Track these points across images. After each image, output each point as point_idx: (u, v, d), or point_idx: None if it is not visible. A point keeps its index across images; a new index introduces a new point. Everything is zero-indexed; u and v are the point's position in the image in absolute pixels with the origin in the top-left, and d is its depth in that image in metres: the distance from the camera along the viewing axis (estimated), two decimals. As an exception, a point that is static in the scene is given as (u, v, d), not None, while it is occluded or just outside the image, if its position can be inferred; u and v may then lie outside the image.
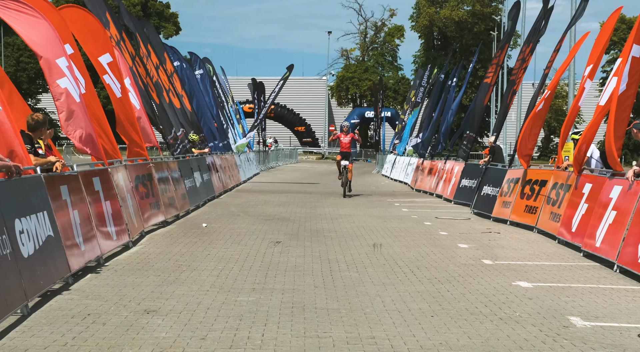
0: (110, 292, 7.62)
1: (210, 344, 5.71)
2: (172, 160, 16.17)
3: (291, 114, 74.33)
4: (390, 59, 76.83)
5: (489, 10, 68.52)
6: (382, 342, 5.88)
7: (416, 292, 7.91)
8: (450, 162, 23.13)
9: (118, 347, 5.59)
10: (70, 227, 8.29)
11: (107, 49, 13.22)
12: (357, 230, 13.50)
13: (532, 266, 9.90)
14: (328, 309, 7.00)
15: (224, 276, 8.61)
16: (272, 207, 17.99)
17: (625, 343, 6.00)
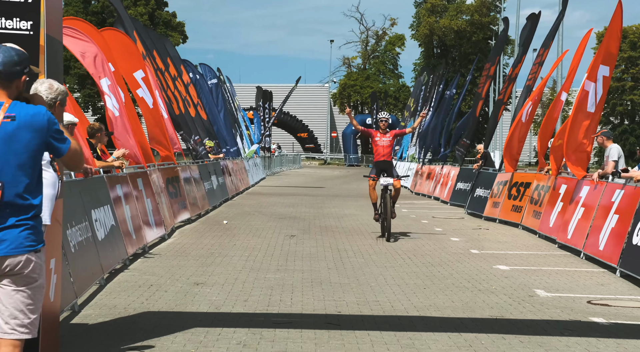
0: (162, 271, 9.31)
1: (252, 304, 7.40)
2: (194, 164, 17.89)
3: (294, 121, 76.03)
4: (391, 67, 78.66)
5: (487, 19, 70.29)
6: (385, 304, 7.57)
7: (412, 272, 9.59)
8: (447, 167, 24.85)
9: (183, 305, 7.29)
10: (124, 219, 9.97)
11: (140, 66, 14.93)
12: (362, 226, 15.18)
13: (512, 254, 11.58)
14: (341, 283, 8.68)
15: (252, 260, 10.30)
16: (283, 207, 19.67)
17: (574, 307, 7.68)
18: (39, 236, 3.78)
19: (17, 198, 3.70)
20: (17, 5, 4.81)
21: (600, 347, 5.98)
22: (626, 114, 69.17)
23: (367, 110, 76.52)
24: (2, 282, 3.71)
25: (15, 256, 3.68)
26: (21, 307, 3.72)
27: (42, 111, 3.79)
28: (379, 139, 12.95)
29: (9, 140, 3.69)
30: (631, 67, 67.41)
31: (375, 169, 13.05)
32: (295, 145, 77.78)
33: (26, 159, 3.73)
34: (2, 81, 3.77)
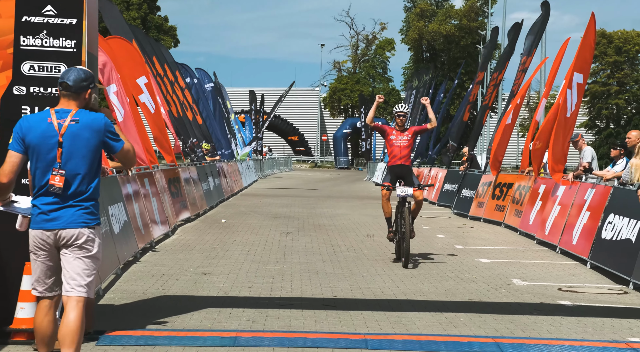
0: (170, 263, 10.13)
1: (256, 290, 8.23)
2: (192, 166, 18.69)
3: (285, 124, 76.88)
4: (381, 71, 79.63)
5: (475, 24, 71.37)
6: (375, 290, 8.42)
7: (400, 265, 10.43)
8: (435, 169, 25.74)
9: (194, 290, 8.12)
10: (134, 215, 10.78)
11: (144, 72, 15.74)
12: (353, 225, 16.02)
13: (493, 249, 12.45)
14: (335, 273, 9.52)
15: (252, 254, 11.13)
16: (277, 207, 20.49)
17: (545, 293, 8.55)
18: (93, 216, 4.75)
19: (77, 184, 4.68)
20: (64, 27, 5.65)
21: (563, 323, 6.84)
22: (612, 118, 70.32)
23: (358, 114, 77.45)
24: (63, 251, 4.72)
25: (69, 229, 4.64)
26: (78, 271, 4.69)
27: (101, 117, 4.78)
28: (395, 138, 10.43)
29: (74, 138, 4.69)
30: (617, 72, 68.57)
31: (389, 176, 10.51)
32: (286, 148, 78.62)
33: (86, 153, 4.71)
34: (72, 94, 4.80)
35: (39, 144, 4.68)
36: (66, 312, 4.58)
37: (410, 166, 10.76)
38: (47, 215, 4.67)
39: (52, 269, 4.76)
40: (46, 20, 5.64)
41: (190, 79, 26.42)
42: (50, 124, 4.68)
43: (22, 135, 4.71)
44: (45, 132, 4.67)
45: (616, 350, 5.84)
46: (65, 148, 4.65)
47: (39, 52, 5.66)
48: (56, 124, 4.67)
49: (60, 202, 4.66)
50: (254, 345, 5.81)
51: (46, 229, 4.66)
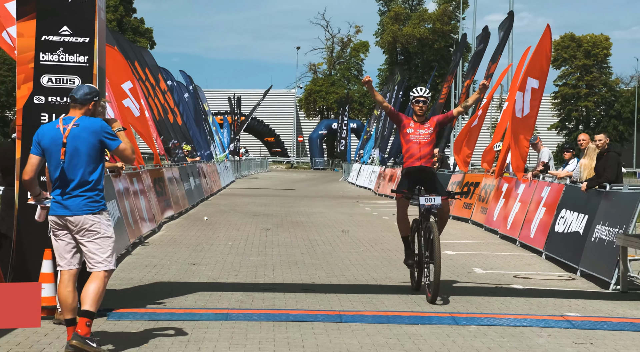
0: (160, 255, 10.98)
1: (242, 277, 9.12)
2: (175, 167, 19.51)
3: (261, 125, 77.69)
4: (356, 73, 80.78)
5: (449, 28, 72.72)
6: (350, 277, 9.35)
7: (373, 256, 11.37)
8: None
9: (185, 277, 8.99)
10: (126, 212, 11.61)
11: (129, 77, 16.53)
12: (329, 222, 16.95)
13: (459, 243, 13.44)
14: (313, 263, 10.43)
15: (236, 247, 12.01)
16: (256, 206, 21.36)
17: (502, 279, 9.52)
18: (97, 203, 5.69)
19: (81, 177, 5.62)
20: (78, 45, 6.52)
21: (513, 302, 7.80)
22: (581, 120, 72.00)
23: (333, 115, 78.45)
24: (78, 238, 5.69)
25: (76, 216, 5.60)
26: (93, 251, 5.66)
27: (98, 120, 5.77)
28: (413, 132, 8.08)
29: (75, 139, 5.65)
30: (586, 75, 70.29)
31: (405, 181, 8.15)
32: (263, 149, 79.43)
33: (86, 151, 5.65)
34: (78, 105, 5.77)
35: (50, 147, 5.65)
36: (88, 282, 5.55)
37: (433, 169, 8.24)
38: (60, 204, 5.64)
39: (69, 246, 5.70)
40: (62, 39, 6.50)
41: (171, 82, 27.20)
42: (58, 130, 5.65)
43: (38, 141, 5.71)
44: (55, 136, 5.64)
45: (553, 322, 6.81)
46: (68, 147, 5.58)
47: (56, 66, 6.52)
48: (62, 129, 5.63)
49: (69, 193, 5.61)
50: (243, 320, 6.71)
51: (59, 215, 5.64)
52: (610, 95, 70.83)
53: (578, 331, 6.55)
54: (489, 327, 6.65)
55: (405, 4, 77.69)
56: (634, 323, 6.83)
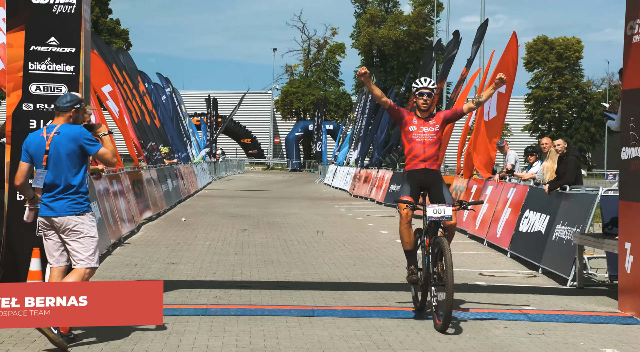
0: (140, 255, 11.35)
1: (220, 275, 9.53)
2: (153, 169, 19.84)
3: (237, 127, 77.93)
4: (332, 74, 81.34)
5: (424, 30, 73.50)
6: (323, 275, 9.79)
7: (346, 255, 11.83)
8: (382, 171, 27.29)
9: (165, 276, 9.38)
10: (106, 213, 11.96)
11: (108, 81, 16.88)
12: (305, 222, 17.39)
13: (429, 242, 13.93)
14: (288, 262, 10.86)
15: (213, 247, 12.41)
16: (233, 207, 21.75)
17: (467, 276, 10.02)
18: (80, 205, 6.11)
19: (64, 181, 6.06)
20: (64, 55, 6.91)
21: (475, 298, 8.29)
22: (554, 122, 73.09)
23: (309, 117, 78.94)
24: (63, 237, 6.10)
25: (61, 217, 6.02)
26: (76, 249, 6.08)
27: (77, 128, 6.20)
28: (416, 129, 7.23)
29: (56, 146, 6.08)
30: (558, 77, 71.38)
31: (408, 186, 7.33)
32: (239, 150, 79.67)
33: (69, 157, 6.08)
34: (60, 112, 6.21)
35: (36, 154, 6.12)
36: (68, 275, 6.04)
37: (439, 172, 7.41)
38: (46, 206, 6.08)
39: (57, 245, 6.13)
40: (50, 49, 6.89)
41: (148, 84, 27.49)
42: (42, 138, 6.11)
43: (26, 148, 6.17)
44: (39, 144, 6.10)
45: (511, 315, 7.30)
46: (51, 154, 6.02)
47: (44, 75, 6.91)
48: (45, 136, 6.09)
49: (54, 196, 6.05)
50: (221, 314, 7.12)
51: (46, 217, 6.08)
52: (582, 97, 71.99)
53: (533, 323, 7.05)
54: (452, 320, 7.11)
55: (381, 6, 78.38)
56: (584, 315, 7.34)
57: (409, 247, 7.40)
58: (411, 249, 7.41)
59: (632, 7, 7.34)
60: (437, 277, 6.85)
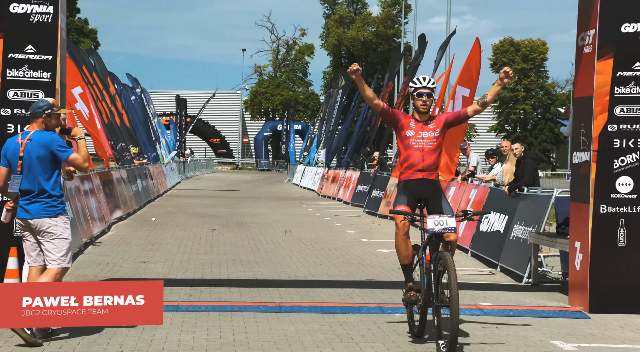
0: (112, 254, 11.61)
1: (190, 274, 9.84)
2: (123, 169, 20.03)
3: (206, 127, 77.94)
4: (301, 75, 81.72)
5: (392, 31, 74.17)
6: (290, 273, 10.15)
7: (313, 254, 12.19)
8: (349, 172, 27.72)
9: (137, 274, 9.66)
10: (77, 212, 12.19)
11: (79, 83, 17.05)
12: (273, 222, 17.72)
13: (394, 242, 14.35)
14: (256, 261, 11.20)
15: (184, 246, 12.70)
16: (202, 207, 22.00)
17: (429, 273, 10.44)
18: (54, 208, 6.40)
19: (37, 186, 6.38)
20: (42, 62, 7.19)
21: (435, 294, 8.70)
22: (519, 122, 74.24)
23: (278, 117, 79.21)
24: (39, 238, 6.41)
25: (35, 219, 6.33)
26: (50, 249, 6.38)
27: (49, 134, 6.45)
28: (414, 134, 6.58)
29: (29, 152, 6.40)
30: (524, 79, 72.52)
31: (404, 197, 6.65)
32: (208, 150, 79.69)
33: (41, 162, 6.39)
34: (32, 118, 6.52)
35: (12, 159, 6.45)
36: (41, 276, 6.33)
37: (438, 182, 6.69)
38: (23, 209, 6.40)
39: (34, 245, 6.44)
40: (27, 57, 7.16)
41: (118, 85, 27.61)
42: (17, 144, 6.43)
43: (4, 153, 6.48)
44: (15, 150, 6.42)
45: (467, 310, 7.72)
46: (24, 160, 6.34)
47: (21, 81, 7.19)
48: (20, 143, 6.40)
49: (30, 200, 6.36)
50: (192, 310, 7.45)
51: (22, 219, 6.40)
52: (546, 98, 73.21)
53: (488, 317, 7.48)
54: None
55: (350, 7, 78.91)
56: (536, 310, 7.79)
57: (407, 262, 6.75)
58: (409, 263, 6.72)
59: (583, 20, 7.79)
60: (440, 298, 6.14)
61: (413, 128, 6.57)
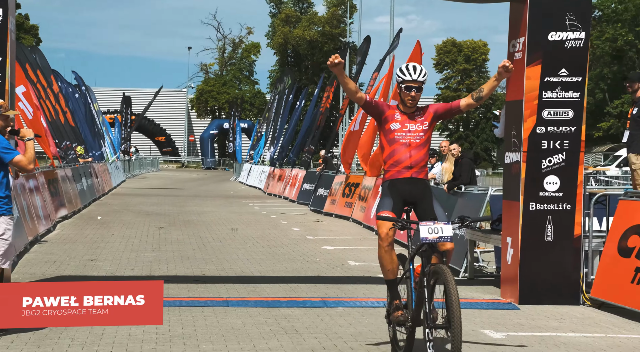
0: (59, 252, 11.69)
1: (138, 271, 10.02)
2: (68, 167, 19.96)
3: (152, 124, 77.35)
4: (247, 73, 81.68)
5: (338, 31, 74.75)
6: (237, 270, 10.41)
7: (259, 251, 12.47)
8: (295, 170, 28.03)
9: (85, 271, 9.81)
10: (23, 211, 12.23)
11: (22, 82, 16.97)
12: (219, 220, 17.93)
13: (338, 239, 14.73)
14: (204, 258, 11.43)
15: (131, 244, 12.84)
16: (148, 206, 22.05)
17: (371, 270, 10.81)
18: None
19: None
20: (-9, 63, 7.30)
21: (377, 288, 9.08)
22: (462, 122, 75.61)
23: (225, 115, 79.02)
24: None
25: None
26: None
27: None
28: (400, 128, 5.93)
29: None
30: (466, 79, 73.88)
31: (389, 200, 5.97)
32: (153, 148, 79.06)
33: None
34: None
35: None
36: None
37: (428, 182, 6.09)
38: None
39: None
40: (-23, 58, 7.26)
41: (62, 83, 27.38)
42: None
43: None
44: None
45: (406, 302, 8.12)
46: None
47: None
48: None
49: None
50: (142, 306, 7.66)
51: None
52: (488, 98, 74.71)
53: (425, 309, 7.88)
54: (353, 308, 7.88)
55: (296, 6, 79.20)
56: (470, 303, 8.22)
57: (392, 277, 5.95)
58: (394, 278, 5.94)
59: (513, 28, 8.25)
60: (432, 317, 5.40)
61: (398, 120, 5.87)
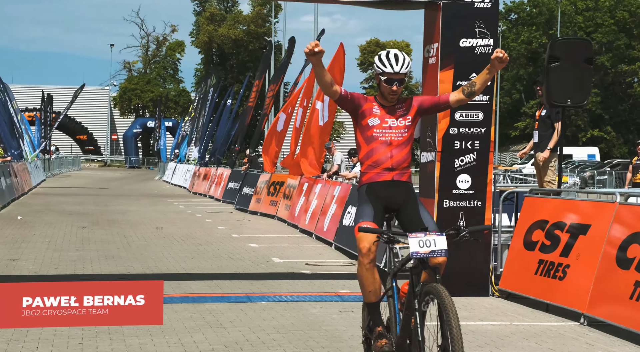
0: (-21, 252, 11.55)
1: (62, 270, 10.02)
2: (-14, 167, 19.56)
3: (73, 123, 75.77)
4: (172, 72, 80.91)
5: (263, 30, 74.82)
6: (162, 268, 10.52)
7: (184, 249, 12.58)
8: (221, 169, 28.10)
9: (7, 271, 9.75)
10: (-58, 212, 12.03)
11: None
12: (144, 219, 17.90)
13: (263, 237, 14.95)
14: (129, 257, 11.48)
15: (53, 244, 12.76)
16: (71, 205, 21.77)
17: (295, 266, 11.09)
18: None
19: None
20: None
21: (299, 283, 9.37)
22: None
23: (149, 114, 78.07)
24: None
25: None
26: None
27: None
28: (379, 123, 5.11)
29: None
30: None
31: (368, 206, 5.15)
32: (74, 147, 77.47)
33: None
34: None
35: None
36: None
37: (411, 185, 5.25)
38: None
39: None
40: None
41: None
42: None
43: None
44: None
45: (327, 297, 8.42)
46: None
47: None
48: None
49: None
50: (67, 304, 7.73)
51: None
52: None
53: (345, 303, 8.19)
54: (277, 303, 8.13)
55: (221, 5, 78.91)
56: (389, 295, 8.60)
57: (374, 299, 5.02)
58: (376, 301, 5.03)
59: (428, 34, 8.65)
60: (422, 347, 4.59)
61: (377, 115, 5.05)
